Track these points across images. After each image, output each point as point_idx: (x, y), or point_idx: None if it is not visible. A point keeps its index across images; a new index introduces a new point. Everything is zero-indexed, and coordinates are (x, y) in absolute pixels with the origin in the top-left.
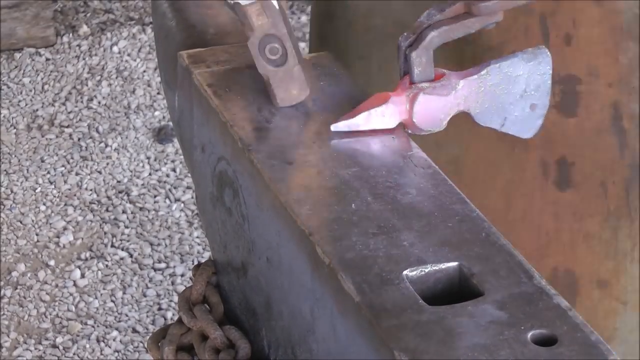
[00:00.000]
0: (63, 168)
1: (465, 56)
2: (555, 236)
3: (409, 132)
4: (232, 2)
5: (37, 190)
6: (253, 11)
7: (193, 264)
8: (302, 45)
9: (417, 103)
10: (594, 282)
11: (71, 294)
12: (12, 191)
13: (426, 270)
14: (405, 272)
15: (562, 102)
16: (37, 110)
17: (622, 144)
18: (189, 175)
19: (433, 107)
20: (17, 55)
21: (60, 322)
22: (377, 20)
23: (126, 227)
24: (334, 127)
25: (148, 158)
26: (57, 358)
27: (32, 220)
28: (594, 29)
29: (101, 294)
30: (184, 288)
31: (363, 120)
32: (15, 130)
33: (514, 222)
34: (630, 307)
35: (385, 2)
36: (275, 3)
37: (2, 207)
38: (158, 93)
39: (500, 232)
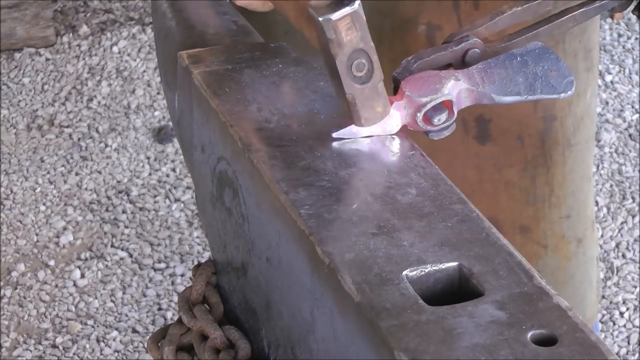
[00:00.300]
0: (63, 168)
1: (384, 28)
2: (478, 186)
3: (423, 130)
4: (319, 18)
5: (36, 190)
6: (343, 26)
7: (193, 264)
8: None
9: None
10: (516, 228)
11: (71, 294)
12: (11, 191)
13: (426, 270)
14: (405, 272)
15: None
16: (37, 110)
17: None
18: (189, 175)
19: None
20: (17, 55)
21: (60, 322)
22: None
23: (126, 227)
24: (335, 135)
25: (148, 158)
26: (56, 358)
27: (32, 220)
28: None
29: (101, 294)
30: (183, 288)
31: (365, 128)
32: (15, 130)
33: None
34: (550, 250)
35: None
36: (362, 12)
37: (2, 207)
38: (158, 93)
39: None
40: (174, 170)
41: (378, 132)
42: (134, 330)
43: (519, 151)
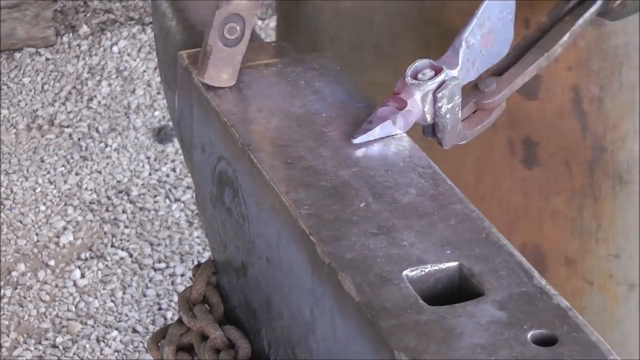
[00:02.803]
0: (63, 168)
1: (430, 36)
2: (523, 213)
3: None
4: None
5: (37, 190)
6: None
7: (193, 264)
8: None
9: (429, 102)
10: (560, 259)
11: (71, 294)
12: (12, 191)
13: (426, 270)
14: (405, 272)
15: (525, 86)
16: (37, 110)
17: (584, 126)
18: (189, 175)
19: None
20: (17, 55)
21: (60, 322)
22: (347, 2)
23: (126, 227)
24: (355, 141)
25: (148, 158)
26: (57, 358)
27: (32, 220)
28: None
29: (101, 294)
30: (184, 288)
31: (383, 129)
32: (15, 130)
33: (484, 198)
34: (596, 287)
35: None
36: None
37: (2, 207)
38: (158, 93)
39: None
40: (174, 170)
41: (395, 132)
42: (134, 330)
43: (567, 179)
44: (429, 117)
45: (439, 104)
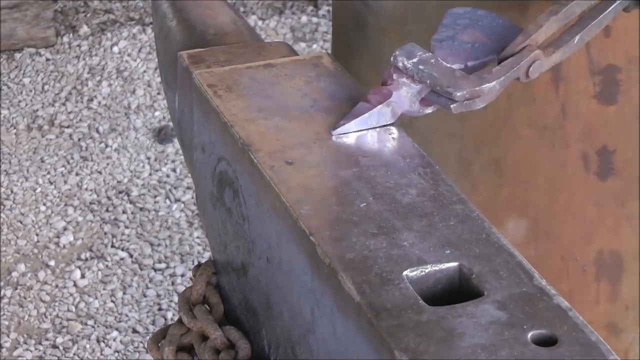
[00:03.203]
0: (63, 168)
1: None
2: (598, 222)
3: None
4: None
5: (37, 191)
6: None
7: (193, 264)
8: (303, 45)
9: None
10: (638, 259)
11: (71, 294)
12: (12, 191)
13: (426, 271)
14: (405, 272)
15: (603, 92)
16: (37, 110)
17: None
18: (189, 175)
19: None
20: (18, 55)
21: (61, 323)
22: (412, 26)
23: (126, 227)
24: (334, 133)
25: (148, 158)
26: (57, 358)
27: (32, 221)
28: (630, 19)
29: (101, 294)
30: (184, 288)
31: (364, 122)
32: (15, 130)
33: (558, 214)
34: None
35: (419, 7)
36: None
37: (2, 207)
38: (158, 93)
39: (544, 224)
40: (174, 170)
41: (378, 124)
42: (134, 331)
43: None
44: (409, 82)
45: (399, 63)
